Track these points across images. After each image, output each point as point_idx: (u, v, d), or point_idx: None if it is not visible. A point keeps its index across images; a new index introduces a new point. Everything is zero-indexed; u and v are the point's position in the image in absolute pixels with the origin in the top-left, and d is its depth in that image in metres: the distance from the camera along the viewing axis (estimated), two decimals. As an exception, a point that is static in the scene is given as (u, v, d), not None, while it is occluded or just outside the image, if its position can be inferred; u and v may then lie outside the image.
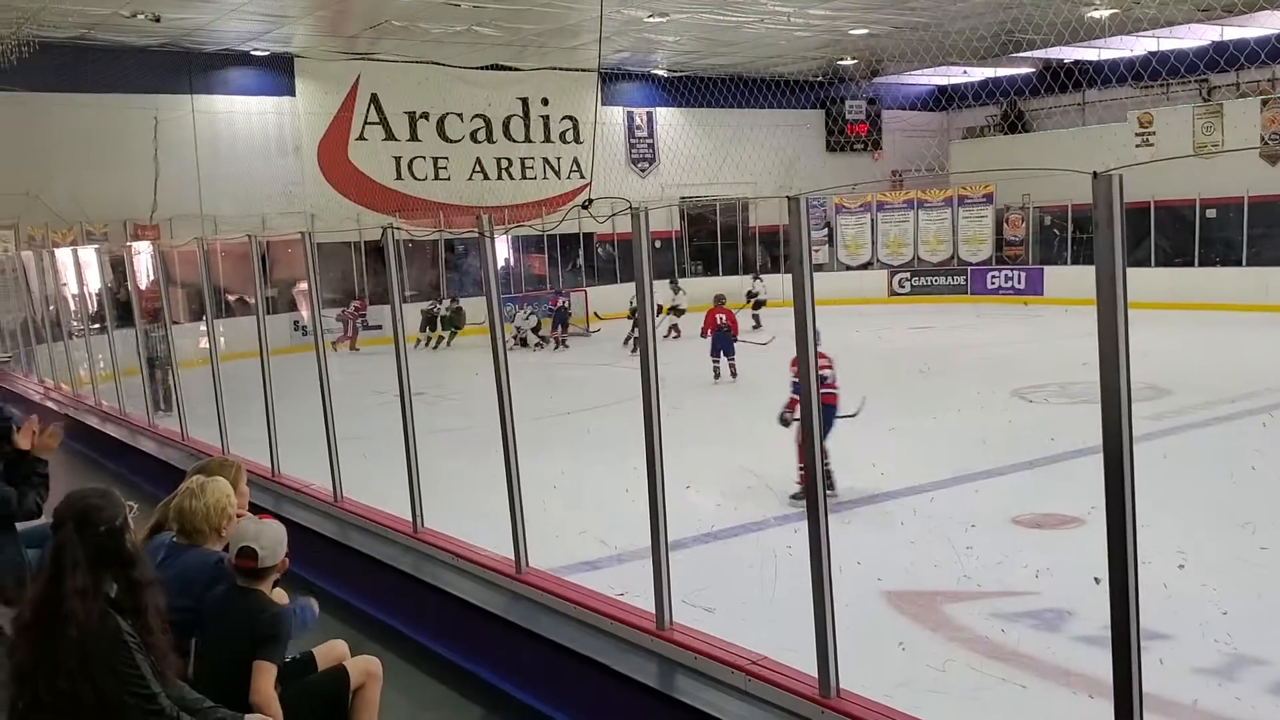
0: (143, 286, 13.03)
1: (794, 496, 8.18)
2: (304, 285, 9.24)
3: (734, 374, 15.59)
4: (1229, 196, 23.27)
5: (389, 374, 6.62)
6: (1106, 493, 2.91)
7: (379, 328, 20.79)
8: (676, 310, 21.21)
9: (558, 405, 13.27)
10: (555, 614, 5.10)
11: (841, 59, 27.25)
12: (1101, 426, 2.91)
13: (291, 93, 23.80)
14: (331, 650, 4.36)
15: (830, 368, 8.44)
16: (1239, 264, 23.05)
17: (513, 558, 5.49)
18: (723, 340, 15.71)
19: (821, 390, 8.59)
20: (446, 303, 22.56)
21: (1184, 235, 24.21)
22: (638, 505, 4.72)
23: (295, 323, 20.76)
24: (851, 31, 23.44)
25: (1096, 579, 3.06)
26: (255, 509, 4.89)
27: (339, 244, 23.07)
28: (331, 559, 6.71)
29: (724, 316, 15.94)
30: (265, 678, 3.84)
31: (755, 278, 24.25)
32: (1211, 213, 24.02)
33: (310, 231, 7.75)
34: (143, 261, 13.44)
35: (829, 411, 8.18)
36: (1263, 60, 23.66)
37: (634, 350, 20.93)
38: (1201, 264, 23.71)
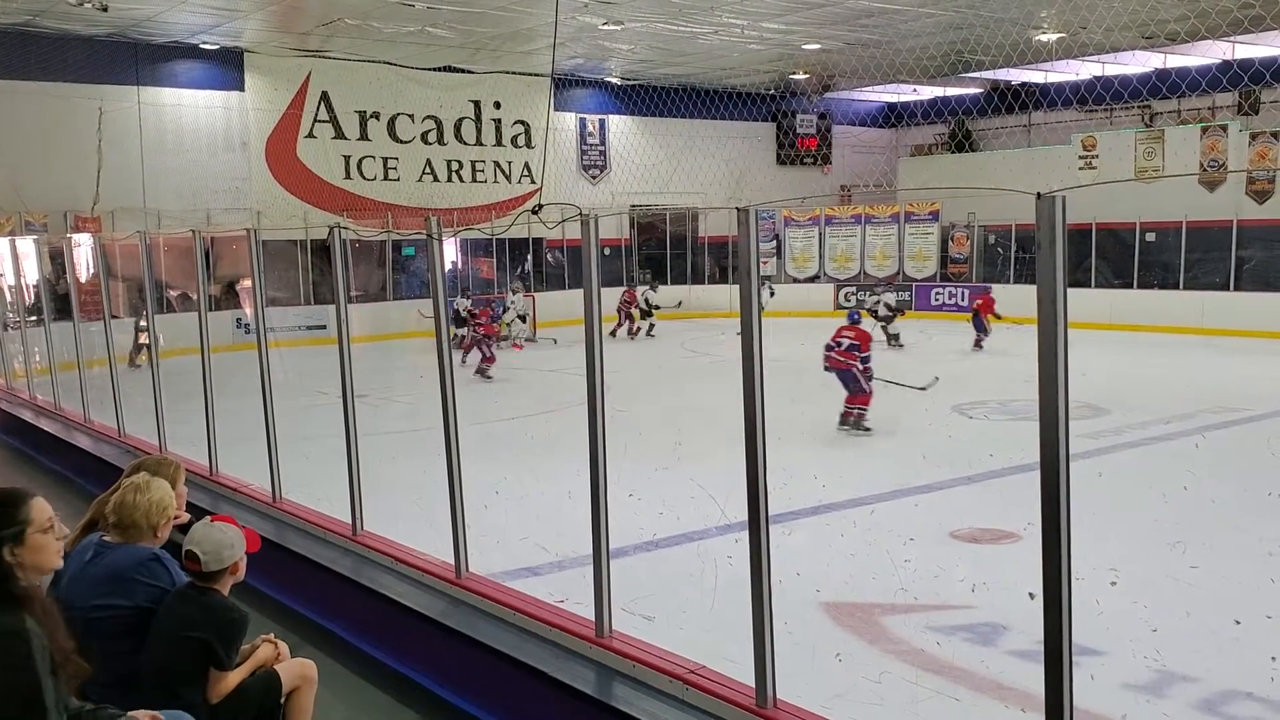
0: (82, 279, 12.78)
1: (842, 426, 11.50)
2: (248, 282, 9.11)
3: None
4: (1168, 221, 23.79)
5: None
6: (1042, 509, 2.95)
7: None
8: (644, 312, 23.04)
9: (503, 410, 13.22)
10: (494, 620, 5.07)
11: (793, 73, 27.46)
12: (1039, 444, 2.95)
13: (241, 88, 23.48)
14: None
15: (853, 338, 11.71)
16: (1176, 287, 23.56)
17: (453, 562, 5.46)
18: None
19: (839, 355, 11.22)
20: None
21: (1124, 258, 24.69)
22: (580, 512, 4.71)
23: (238, 320, 20.47)
24: (804, 46, 23.62)
25: (1031, 594, 3.10)
26: (193, 509, 4.82)
27: (285, 242, 22.80)
28: (268, 560, 6.59)
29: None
30: (219, 686, 3.83)
31: (650, 287, 24.84)
32: (1151, 236, 24.53)
33: (256, 228, 7.64)
34: (82, 254, 13.18)
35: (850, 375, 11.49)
36: (1203, 89, 24.24)
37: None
38: (1140, 286, 24.20)
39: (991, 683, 5.35)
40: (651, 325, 23.79)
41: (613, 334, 22.87)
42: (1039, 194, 2.86)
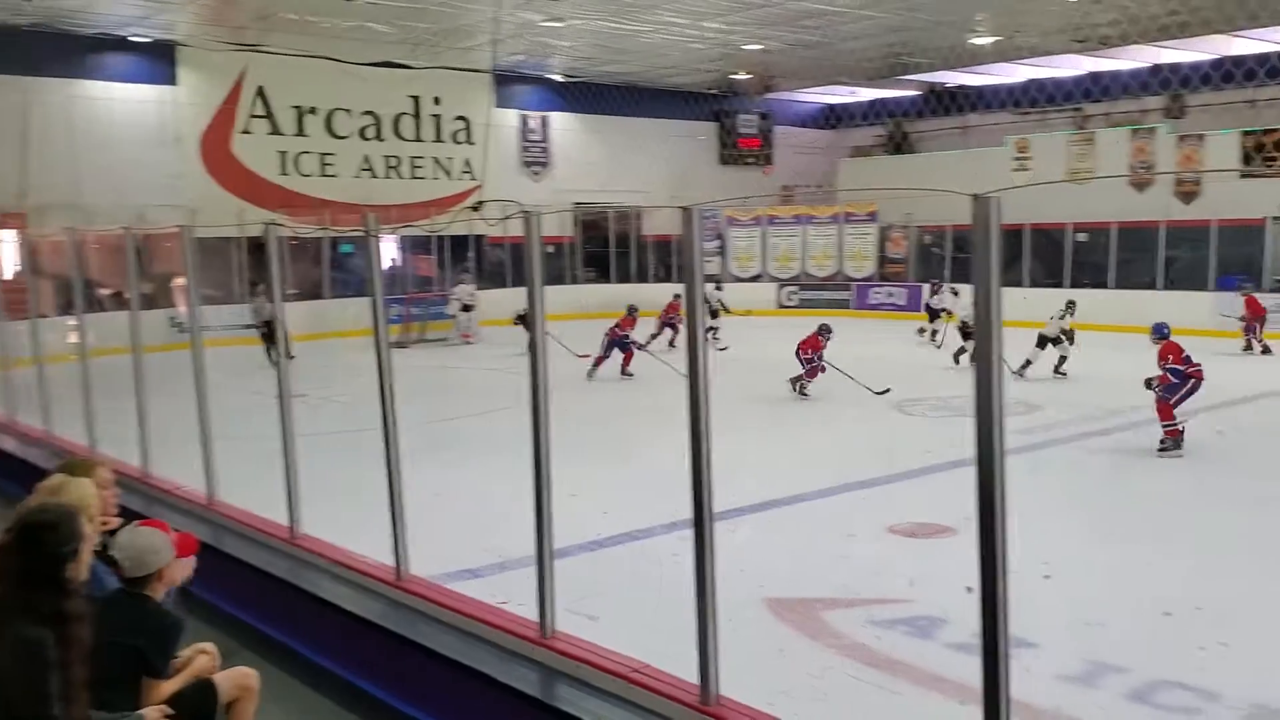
0: (7, 277, 12.48)
1: (1162, 450, 10.51)
2: (182, 280, 8.96)
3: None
4: (1099, 222, 24.26)
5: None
6: (978, 504, 2.99)
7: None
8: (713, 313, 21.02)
9: (443, 410, 13.12)
10: (436, 622, 5.03)
11: (735, 73, 27.62)
12: (975, 439, 2.99)
13: (173, 82, 23.04)
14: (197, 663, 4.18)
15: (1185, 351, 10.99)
16: (1106, 286, 24.04)
17: (393, 565, 5.40)
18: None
19: (1190, 369, 10.71)
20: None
21: (1056, 258, 25.14)
22: (522, 512, 4.69)
23: (172, 319, 20.09)
24: (745, 46, 23.76)
25: (969, 588, 3.14)
26: (126, 512, 4.73)
27: (220, 239, 22.41)
28: (203, 563, 6.48)
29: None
30: (152, 695, 3.75)
31: (717, 286, 23.32)
32: (1082, 237, 25.00)
33: (189, 226, 7.50)
34: (7, 251, 12.86)
35: (1196, 386, 10.69)
36: (1133, 92, 24.77)
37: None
38: (1072, 285, 24.62)
39: (930, 675, 5.42)
40: (714, 330, 19.67)
41: (670, 344, 19.40)
42: (975, 195, 2.89)
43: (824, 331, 14.62)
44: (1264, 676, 5.33)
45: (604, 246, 29.61)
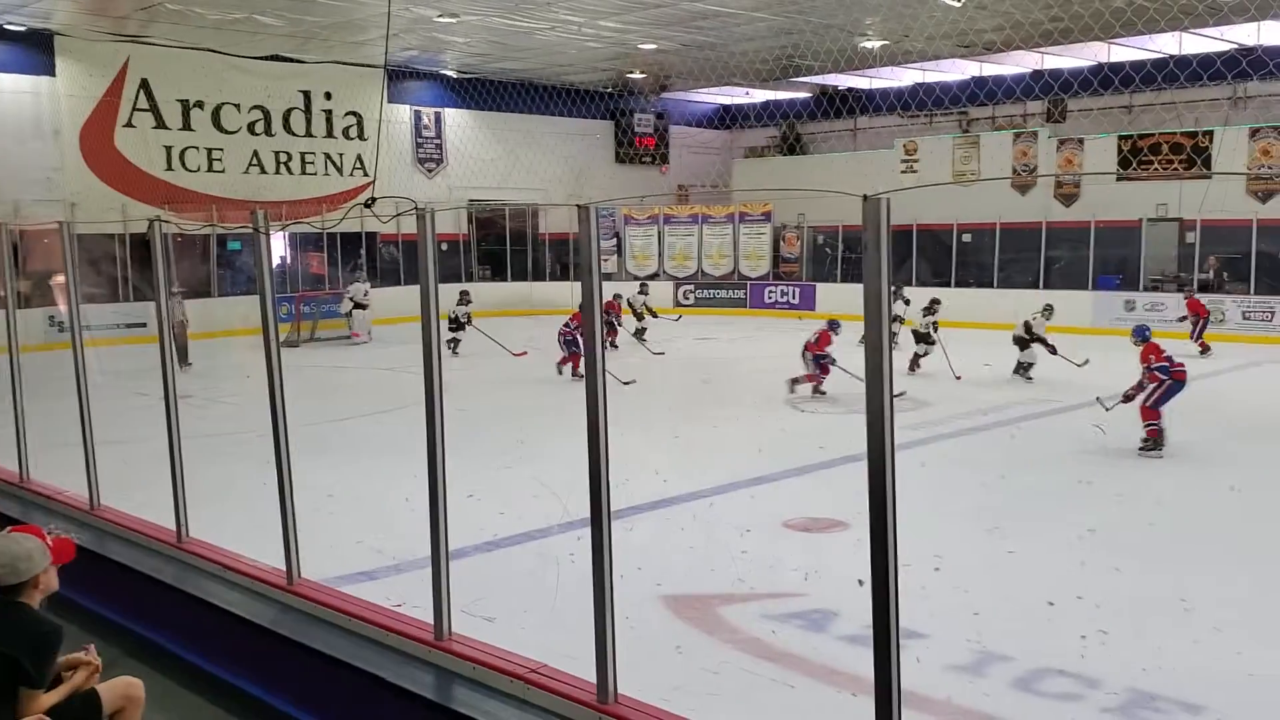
0: None
1: (1143, 449, 10.55)
2: (61, 278, 8.60)
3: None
4: (983, 223, 25.04)
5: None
6: (869, 498, 3.06)
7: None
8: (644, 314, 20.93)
9: (336, 410, 12.91)
10: (329, 626, 4.94)
11: (631, 72, 27.69)
12: (866, 435, 3.06)
13: (51, 73, 22.14)
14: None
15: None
16: (991, 285, 24.79)
17: (284, 568, 5.30)
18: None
19: (1174, 368, 10.63)
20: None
21: (942, 257, 25.83)
22: (417, 514, 4.64)
23: (51, 317, 19.38)
24: (640, 46, 23.84)
25: (860, 581, 3.21)
26: (1, 519, 4.54)
27: (102, 235, 21.65)
28: (86, 570, 6.26)
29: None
30: (31, 706, 3.61)
31: (641, 289, 22.86)
32: (967, 237, 25.76)
33: (69, 221, 7.24)
34: None
35: (1179, 386, 10.65)
36: (1016, 96, 25.60)
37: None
38: (958, 285, 25.35)
39: (824, 668, 5.52)
40: (643, 330, 20.63)
41: (612, 344, 18.85)
42: (865, 196, 2.95)
43: (835, 327, 14.32)
44: (1140, 664, 5.55)
45: (500, 244, 29.42)
